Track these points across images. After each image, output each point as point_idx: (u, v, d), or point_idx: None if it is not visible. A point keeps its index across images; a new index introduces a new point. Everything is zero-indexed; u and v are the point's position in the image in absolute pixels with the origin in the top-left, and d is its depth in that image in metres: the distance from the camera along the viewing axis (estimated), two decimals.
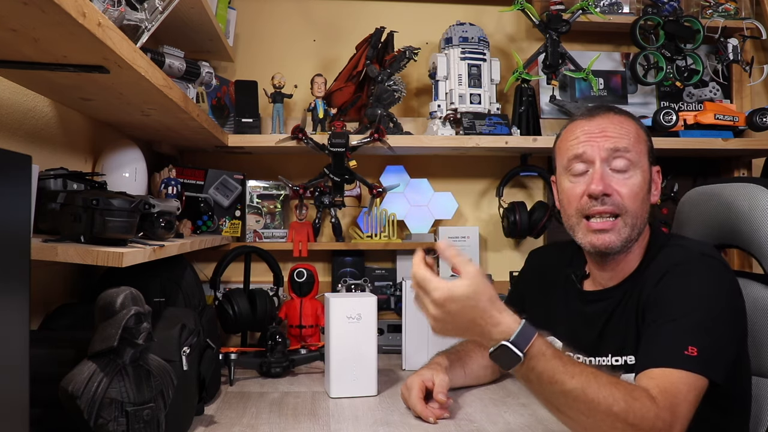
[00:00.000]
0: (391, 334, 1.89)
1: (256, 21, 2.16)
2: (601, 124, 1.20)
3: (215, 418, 1.24)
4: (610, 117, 1.21)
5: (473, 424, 1.21)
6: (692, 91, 2.24)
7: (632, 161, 1.17)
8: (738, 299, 1.12)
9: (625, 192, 1.16)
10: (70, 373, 0.89)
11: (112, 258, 0.97)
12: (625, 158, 1.17)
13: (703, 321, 1.04)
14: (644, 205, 1.19)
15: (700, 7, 2.18)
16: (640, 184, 1.17)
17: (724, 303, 1.08)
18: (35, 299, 0.92)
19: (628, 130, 1.19)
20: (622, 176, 1.17)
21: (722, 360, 1.04)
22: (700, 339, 1.02)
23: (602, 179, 1.16)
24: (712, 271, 1.11)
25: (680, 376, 0.99)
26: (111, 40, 0.87)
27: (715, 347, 1.03)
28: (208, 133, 1.62)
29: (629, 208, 1.16)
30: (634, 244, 1.20)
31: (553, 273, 1.37)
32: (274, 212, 2.06)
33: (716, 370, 1.02)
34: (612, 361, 1.18)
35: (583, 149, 1.19)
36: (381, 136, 1.89)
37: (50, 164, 1.25)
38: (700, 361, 1.00)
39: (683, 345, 1.01)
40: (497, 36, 2.24)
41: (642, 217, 1.18)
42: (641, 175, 1.18)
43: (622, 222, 1.16)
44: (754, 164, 2.24)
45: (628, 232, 1.17)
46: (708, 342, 1.02)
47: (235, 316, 1.68)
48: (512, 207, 2.06)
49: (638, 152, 1.18)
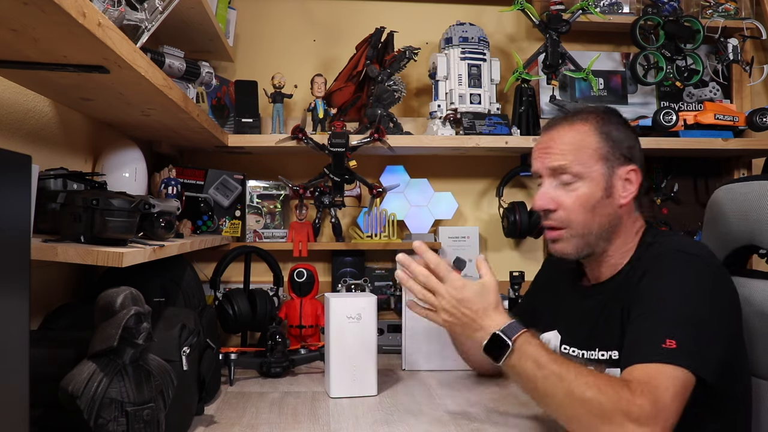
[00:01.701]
0: (391, 334, 1.89)
1: (256, 21, 2.16)
2: (547, 141, 1.25)
3: (215, 418, 1.24)
4: (558, 130, 1.24)
5: (473, 424, 1.21)
6: (692, 91, 2.24)
7: (575, 174, 1.20)
8: (722, 297, 1.12)
9: (569, 203, 1.21)
10: (70, 373, 0.89)
11: (112, 258, 0.97)
12: (567, 173, 1.21)
13: (681, 315, 1.06)
14: (598, 211, 1.21)
15: (700, 7, 2.18)
16: (587, 195, 1.20)
17: (705, 299, 1.09)
18: (35, 299, 0.92)
19: (570, 145, 1.22)
20: (567, 189, 1.22)
21: (709, 356, 1.04)
22: (678, 332, 1.03)
23: (544, 196, 1.23)
24: (690, 267, 1.12)
25: (659, 368, 1.01)
26: (111, 40, 0.87)
27: (698, 342, 1.04)
28: (208, 133, 1.62)
29: (573, 220, 1.21)
30: (606, 245, 1.23)
31: (560, 275, 1.39)
32: (274, 212, 2.06)
33: (702, 365, 1.02)
34: (599, 355, 1.20)
35: (535, 166, 1.27)
36: (381, 136, 1.89)
37: (50, 164, 1.25)
38: (681, 354, 1.01)
39: (661, 338, 1.03)
40: (497, 36, 2.24)
41: (597, 223, 1.21)
42: (588, 185, 1.20)
43: (567, 233, 1.22)
44: (754, 164, 2.24)
45: (577, 242, 1.22)
46: (687, 336, 1.03)
47: (235, 316, 1.68)
48: (512, 207, 2.06)
49: (583, 163, 1.20)
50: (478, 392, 1.42)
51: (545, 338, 1.33)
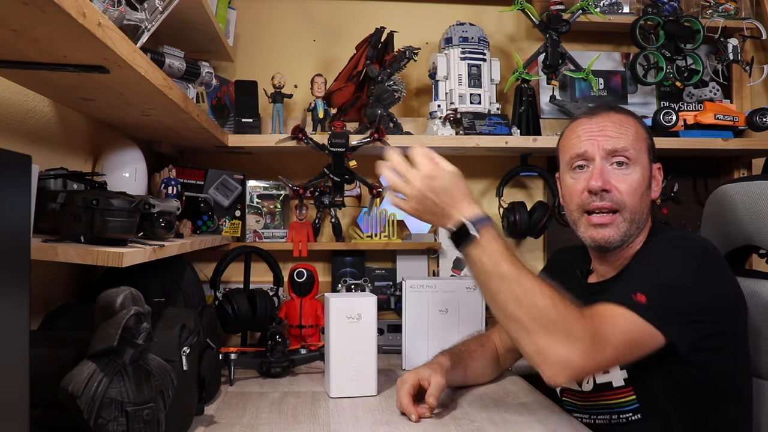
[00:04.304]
0: (391, 334, 1.89)
1: (256, 21, 2.16)
2: (601, 123, 1.24)
3: (215, 418, 1.23)
4: (610, 116, 1.25)
5: (473, 424, 1.21)
6: (692, 91, 2.24)
7: (631, 158, 1.21)
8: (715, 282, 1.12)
9: (624, 188, 1.20)
10: (70, 373, 0.89)
11: (112, 258, 0.97)
12: (624, 156, 1.21)
13: (662, 281, 1.07)
14: (643, 200, 1.22)
15: (700, 7, 2.18)
16: (638, 181, 1.21)
17: (694, 277, 1.09)
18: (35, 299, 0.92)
19: (627, 129, 1.23)
20: (621, 173, 1.21)
21: (680, 321, 1.04)
22: (651, 291, 1.04)
23: (601, 175, 1.20)
24: (685, 246, 1.14)
25: (619, 309, 1.03)
26: (111, 40, 0.87)
27: (672, 307, 1.04)
28: (208, 133, 1.62)
29: (628, 204, 1.20)
30: (634, 239, 1.23)
31: (568, 271, 1.39)
32: (274, 212, 2.06)
33: (669, 326, 1.02)
34: None
35: (584, 148, 1.23)
36: (381, 136, 1.89)
37: (50, 164, 1.25)
38: (646, 308, 1.02)
39: (632, 291, 1.04)
40: (497, 36, 2.24)
41: (641, 212, 1.22)
42: (640, 171, 1.21)
43: (621, 217, 1.21)
44: (754, 164, 2.24)
45: (627, 227, 1.21)
46: (661, 298, 1.04)
47: (235, 316, 1.68)
48: (512, 207, 2.06)
49: (637, 150, 1.22)
50: (478, 392, 1.42)
51: None
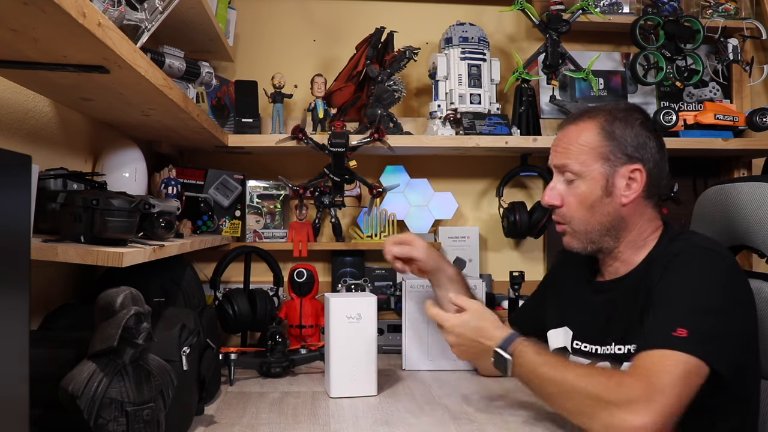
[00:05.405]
0: (391, 334, 1.89)
1: (256, 21, 2.16)
2: (559, 137, 1.29)
3: (215, 418, 1.24)
4: (569, 128, 1.28)
5: (473, 424, 1.21)
6: (692, 91, 2.24)
7: (575, 172, 1.24)
8: (736, 290, 1.13)
9: (570, 201, 1.25)
10: (70, 373, 0.89)
11: (112, 258, 0.97)
12: (568, 171, 1.25)
13: (697, 308, 1.07)
14: (597, 210, 1.23)
15: (700, 7, 2.18)
16: (584, 194, 1.23)
17: (722, 295, 1.10)
18: (35, 299, 0.92)
19: (574, 142, 1.24)
20: (569, 186, 1.25)
21: (723, 348, 1.04)
22: (690, 322, 1.04)
23: (550, 191, 1.27)
24: (710, 262, 1.13)
25: (663, 354, 1.03)
26: (111, 40, 0.87)
27: (712, 333, 1.04)
28: (208, 133, 1.62)
29: (573, 217, 1.25)
30: (614, 243, 1.24)
31: (576, 269, 1.39)
32: (274, 212, 2.06)
33: (715, 356, 1.02)
34: (615, 349, 1.20)
35: (549, 160, 1.31)
36: (381, 136, 1.89)
37: (50, 164, 1.25)
38: (691, 342, 1.02)
39: (672, 327, 1.04)
40: (497, 36, 2.24)
41: (598, 222, 1.23)
42: (587, 183, 1.23)
43: (570, 228, 1.27)
44: (754, 164, 2.24)
45: (581, 237, 1.25)
46: (700, 326, 1.04)
47: (235, 316, 1.68)
48: (512, 207, 2.06)
49: (582, 162, 1.23)
50: (478, 392, 1.42)
51: (554, 335, 1.35)
